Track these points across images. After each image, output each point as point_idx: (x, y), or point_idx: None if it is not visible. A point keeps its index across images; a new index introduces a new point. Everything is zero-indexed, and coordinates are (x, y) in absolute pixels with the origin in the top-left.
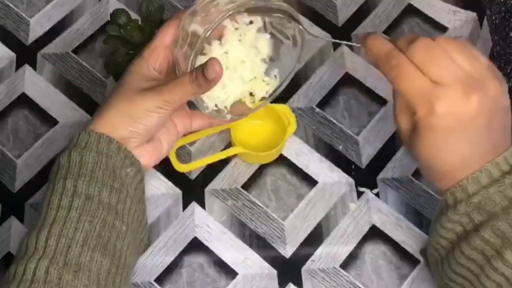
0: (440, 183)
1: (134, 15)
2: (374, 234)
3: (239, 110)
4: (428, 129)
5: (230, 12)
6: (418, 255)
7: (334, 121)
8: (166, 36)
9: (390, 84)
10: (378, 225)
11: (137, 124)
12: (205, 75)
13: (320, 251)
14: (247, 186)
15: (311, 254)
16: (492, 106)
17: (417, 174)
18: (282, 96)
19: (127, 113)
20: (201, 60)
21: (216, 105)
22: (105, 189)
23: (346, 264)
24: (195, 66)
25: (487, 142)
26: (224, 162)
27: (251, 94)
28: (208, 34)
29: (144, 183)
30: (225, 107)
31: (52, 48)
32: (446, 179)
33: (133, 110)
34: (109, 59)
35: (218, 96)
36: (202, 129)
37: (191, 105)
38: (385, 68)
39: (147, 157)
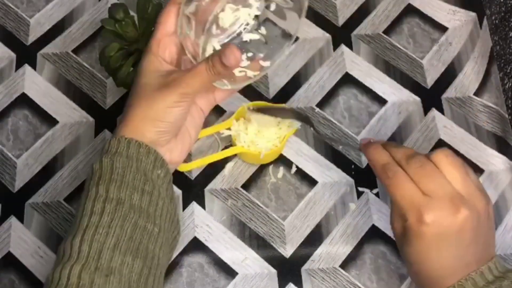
0: None
1: (133, 13)
2: (374, 234)
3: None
4: (417, 236)
5: None
6: None
7: (334, 121)
8: (168, 24)
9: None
10: (378, 225)
11: (161, 123)
12: (223, 63)
13: (320, 251)
14: (247, 186)
15: (311, 254)
16: (476, 224)
17: None
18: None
19: (150, 116)
20: (213, 43)
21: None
22: (136, 192)
23: (346, 264)
24: (211, 53)
25: (472, 256)
26: (224, 162)
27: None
28: (218, 12)
29: (172, 183)
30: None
31: (52, 48)
32: (434, 286)
33: (154, 111)
34: (102, 53)
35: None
36: (226, 99)
37: None
38: (381, 177)
39: (178, 151)
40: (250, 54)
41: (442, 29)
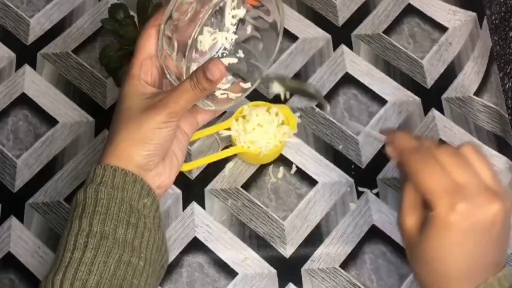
0: None
1: (133, 13)
2: (374, 234)
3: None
4: (444, 227)
5: (210, 10)
6: None
7: (334, 121)
8: (149, 47)
9: (408, 178)
10: (378, 225)
11: (150, 145)
12: (207, 78)
13: (320, 251)
14: (247, 186)
15: (311, 254)
16: (505, 221)
17: None
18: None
19: (137, 139)
20: (196, 60)
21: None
22: (121, 225)
23: (346, 264)
24: (194, 70)
25: (491, 256)
26: (224, 162)
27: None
28: (196, 36)
29: (160, 211)
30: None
31: (52, 48)
32: None
33: (142, 134)
34: (103, 53)
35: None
36: (208, 121)
37: None
38: (409, 160)
39: (166, 175)
40: (229, 78)
41: (442, 29)
